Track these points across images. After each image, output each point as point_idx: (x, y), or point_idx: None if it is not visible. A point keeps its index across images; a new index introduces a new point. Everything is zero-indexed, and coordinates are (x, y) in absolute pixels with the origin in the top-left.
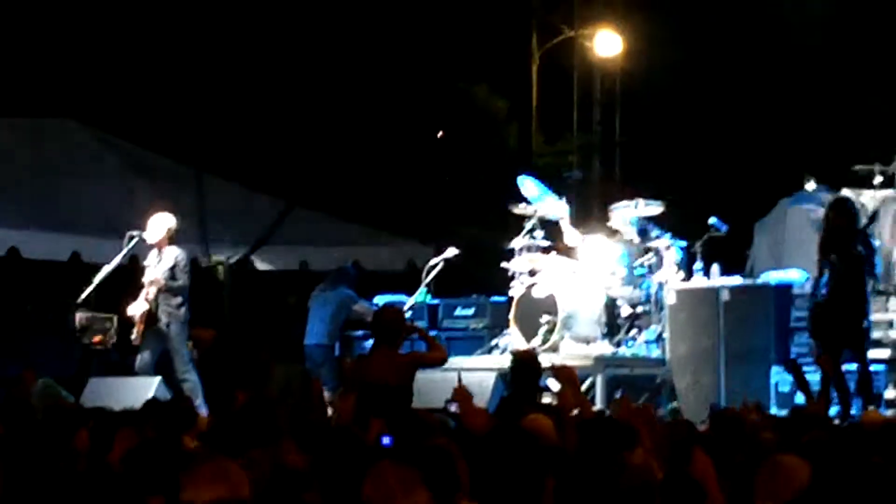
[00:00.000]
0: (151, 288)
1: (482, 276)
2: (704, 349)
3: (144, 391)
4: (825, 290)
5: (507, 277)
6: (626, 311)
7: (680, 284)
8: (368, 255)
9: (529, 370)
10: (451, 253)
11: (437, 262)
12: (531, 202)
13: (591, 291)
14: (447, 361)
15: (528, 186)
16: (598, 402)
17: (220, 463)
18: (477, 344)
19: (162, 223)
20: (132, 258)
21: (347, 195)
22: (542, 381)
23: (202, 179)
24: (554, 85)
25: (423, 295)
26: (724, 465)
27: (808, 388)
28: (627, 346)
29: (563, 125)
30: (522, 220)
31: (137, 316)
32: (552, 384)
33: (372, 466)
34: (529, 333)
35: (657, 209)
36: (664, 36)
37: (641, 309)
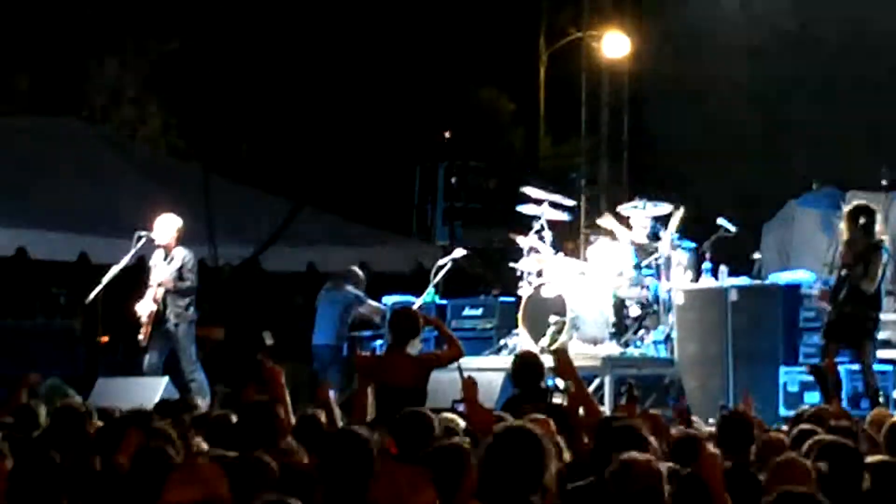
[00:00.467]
0: (160, 289)
1: (491, 276)
2: (712, 350)
3: (152, 391)
4: (843, 294)
5: (515, 277)
6: (634, 311)
7: (688, 285)
8: (376, 255)
9: (532, 371)
10: (458, 253)
11: (445, 262)
12: (539, 203)
13: (599, 292)
14: (463, 356)
15: (534, 188)
16: (606, 402)
17: (196, 464)
18: (485, 344)
19: (170, 224)
20: (140, 258)
21: (355, 196)
22: (549, 380)
23: (210, 180)
24: (561, 87)
25: (431, 295)
26: (732, 465)
27: (829, 392)
28: (635, 346)
29: (570, 127)
30: (531, 220)
31: (145, 317)
32: (560, 384)
33: (379, 466)
34: (537, 334)
35: (665, 210)
36: (671, 37)
37: (650, 309)
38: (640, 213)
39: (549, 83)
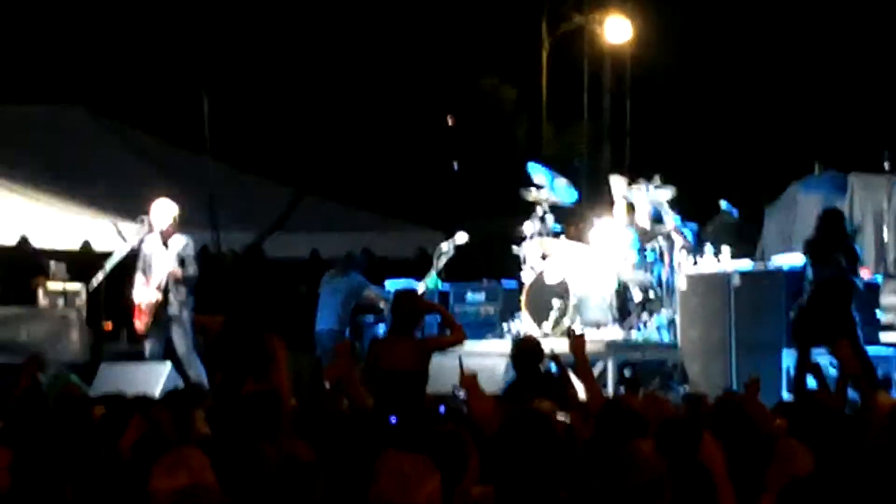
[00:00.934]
0: (167, 278)
1: (493, 261)
2: (715, 334)
3: (156, 377)
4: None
5: (518, 262)
6: (637, 295)
7: (691, 269)
8: (379, 241)
9: (530, 357)
10: (461, 238)
11: (447, 247)
12: (542, 188)
13: (602, 276)
14: (465, 341)
15: (537, 173)
16: (609, 387)
17: (180, 451)
18: (488, 329)
19: (167, 210)
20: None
21: (358, 183)
22: (551, 365)
23: (212, 167)
24: (563, 73)
25: (433, 280)
26: (730, 449)
27: (826, 387)
28: (639, 330)
29: (572, 113)
30: (533, 206)
31: (144, 305)
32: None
33: (382, 455)
34: (541, 318)
35: (668, 193)
36: (674, 22)
37: (652, 294)
38: (642, 196)
39: (551, 69)
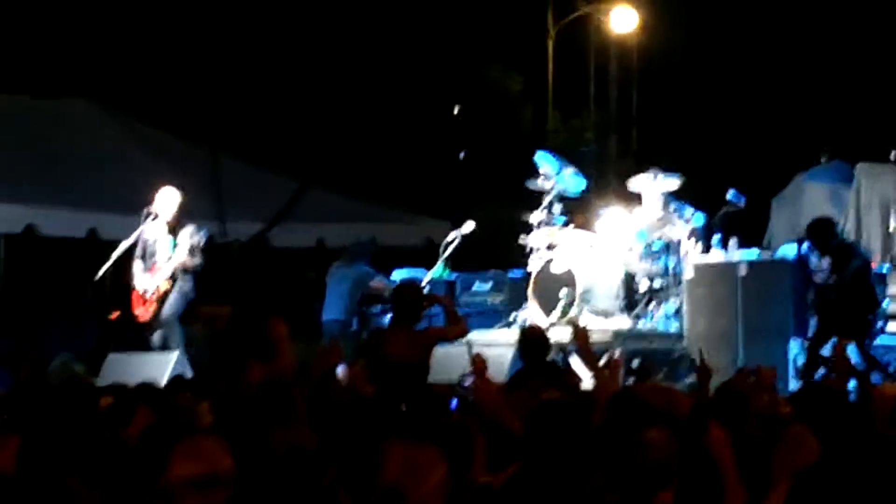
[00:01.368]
0: (177, 268)
1: (500, 251)
2: (722, 324)
3: (163, 366)
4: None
5: (525, 252)
6: (644, 285)
7: (698, 259)
8: (386, 231)
9: (537, 346)
10: (468, 228)
11: (454, 237)
12: (549, 177)
13: (609, 266)
14: (467, 334)
15: (544, 162)
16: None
17: (196, 439)
18: (495, 319)
19: (172, 198)
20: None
21: (364, 173)
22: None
23: (218, 158)
24: (569, 62)
25: (440, 270)
26: (734, 437)
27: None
28: (646, 320)
29: (579, 102)
30: (540, 195)
31: (151, 292)
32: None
33: (388, 444)
34: (548, 308)
35: (676, 182)
36: (680, 10)
37: (659, 283)
38: (650, 185)
39: (557, 59)
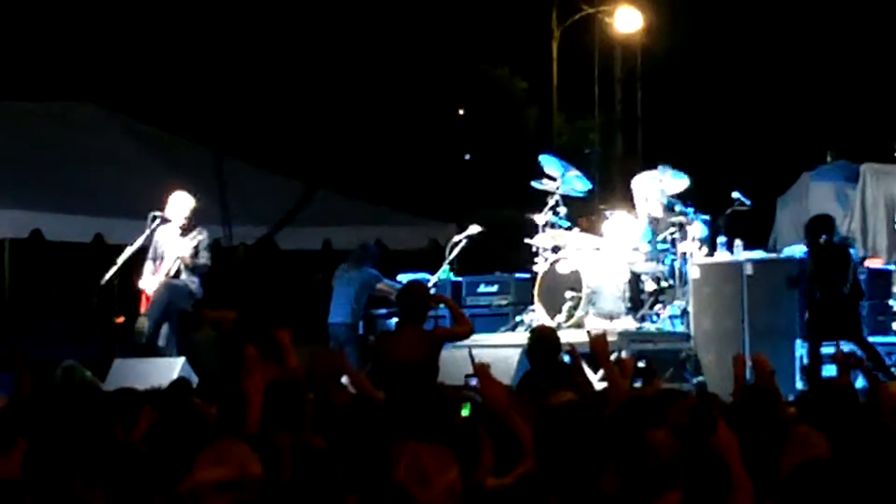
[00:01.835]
0: (176, 264)
1: (505, 253)
2: (728, 324)
3: (169, 371)
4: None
5: (531, 254)
6: (649, 286)
7: (703, 259)
8: (391, 234)
9: (548, 347)
10: (473, 230)
11: (460, 239)
12: (554, 179)
13: (614, 267)
14: (473, 333)
15: (549, 165)
16: None
17: (226, 443)
18: (501, 321)
19: (184, 202)
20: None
21: (370, 175)
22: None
23: (223, 161)
24: (574, 63)
25: (446, 272)
26: (748, 439)
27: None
28: (652, 321)
29: (583, 103)
30: (545, 196)
31: (150, 291)
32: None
33: (399, 446)
34: (554, 310)
35: (681, 183)
36: (684, 11)
37: (665, 284)
38: (656, 186)
39: (561, 60)
